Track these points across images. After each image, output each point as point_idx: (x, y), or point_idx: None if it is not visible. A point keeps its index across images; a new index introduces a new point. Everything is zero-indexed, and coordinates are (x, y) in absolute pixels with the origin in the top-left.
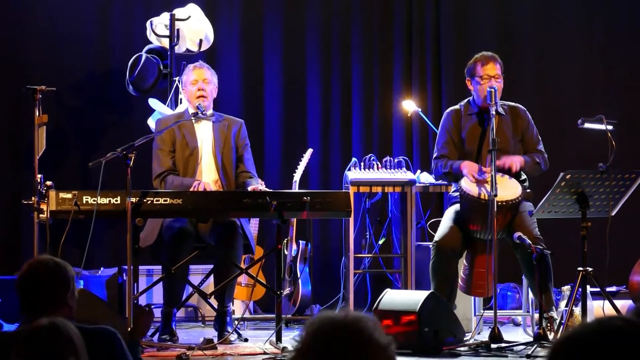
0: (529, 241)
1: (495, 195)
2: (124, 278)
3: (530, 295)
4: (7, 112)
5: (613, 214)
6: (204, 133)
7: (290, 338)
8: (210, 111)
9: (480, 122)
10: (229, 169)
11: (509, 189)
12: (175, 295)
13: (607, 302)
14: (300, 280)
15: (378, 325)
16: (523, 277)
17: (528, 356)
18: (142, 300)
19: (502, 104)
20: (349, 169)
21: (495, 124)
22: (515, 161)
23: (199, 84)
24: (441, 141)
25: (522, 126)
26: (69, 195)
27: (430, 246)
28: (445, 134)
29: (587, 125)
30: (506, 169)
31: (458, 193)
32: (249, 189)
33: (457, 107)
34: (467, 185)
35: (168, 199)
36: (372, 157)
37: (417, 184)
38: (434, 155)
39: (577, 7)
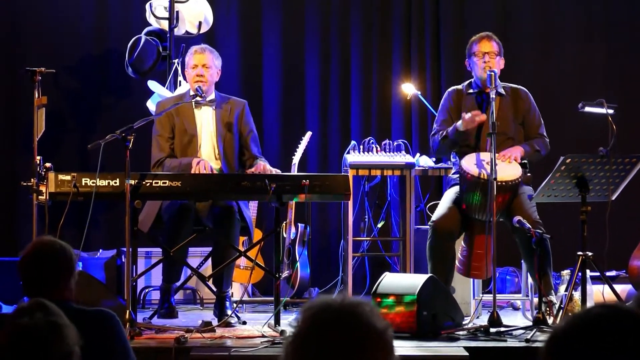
0: (528, 225)
1: (495, 179)
2: (123, 260)
3: (530, 279)
4: (4, 94)
5: (613, 198)
6: (204, 119)
7: (288, 322)
8: (211, 96)
9: (480, 104)
10: (231, 158)
11: (508, 170)
12: (174, 271)
13: (606, 287)
14: (298, 263)
15: (375, 310)
16: (522, 261)
17: (527, 340)
18: (141, 283)
19: (503, 86)
20: (348, 152)
21: (496, 105)
22: (515, 153)
23: (198, 69)
24: (440, 119)
25: (523, 108)
26: (68, 177)
27: (428, 227)
28: (445, 113)
29: (587, 109)
30: (505, 160)
31: (457, 174)
32: (249, 171)
33: (458, 86)
34: (467, 165)
35: (167, 181)
36: (371, 140)
37: (417, 168)
38: (432, 132)
39: None
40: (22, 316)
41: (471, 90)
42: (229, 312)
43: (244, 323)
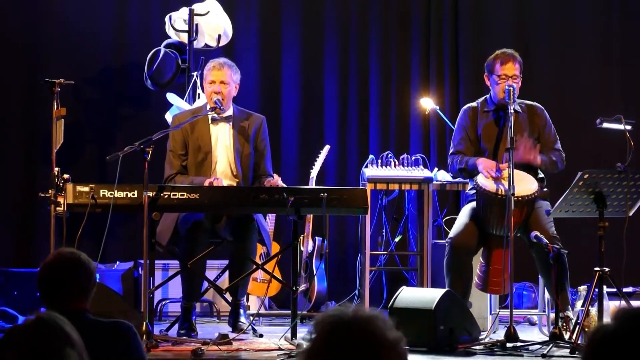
0: (545, 240)
1: (513, 194)
2: (140, 272)
3: (546, 294)
4: (23, 105)
5: (631, 214)
6: (220, 136)
7: (302, 336)
8: (229, 111)
9: (497, 120)
10: (248, 174)
11: (525, 185)
12: (194, 290)
13: (623, 303)
14: (316, 277)
15: (388, 323)
16: (539, 276)
17: (543, 355)
18: (158, 295)
19: (519, 102)
20: (366, 166)
21: (513, 122)
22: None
23: (215, 86)
24: (457, 137)
25: (539, 125)
26: (86, 189)
27: (445, 243)
28: (462, 131)
29: (605, 125)
30: (524, 162)
31: (474, 190)
32: (265, 183)
33: (474, 104)
34: (484, 181)
35: (185, 193)
36: (389, 155)
37: (434, 182)
38: (450, 151)
39: (595, 5)
40: (16, 339)
41: (487, 109)
42: (243, 319)
43: (261, 336)
